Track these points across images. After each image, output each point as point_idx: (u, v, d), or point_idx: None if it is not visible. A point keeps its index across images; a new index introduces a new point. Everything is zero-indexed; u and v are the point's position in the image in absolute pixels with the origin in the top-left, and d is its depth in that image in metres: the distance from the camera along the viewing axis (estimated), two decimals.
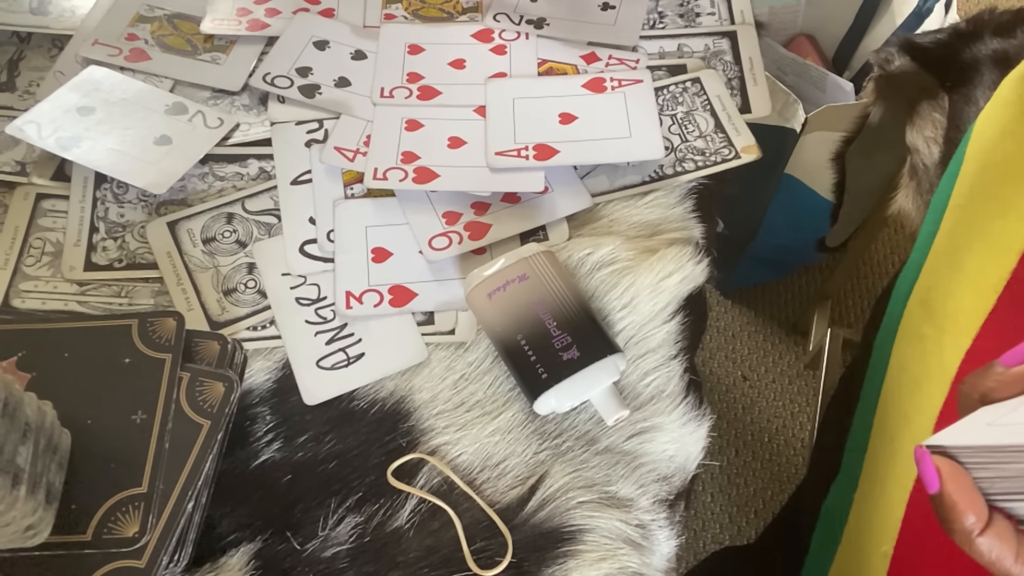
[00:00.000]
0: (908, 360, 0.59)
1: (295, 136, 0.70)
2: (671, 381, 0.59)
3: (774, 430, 1.41)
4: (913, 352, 0.59)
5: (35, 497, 0.48)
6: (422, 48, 0.75)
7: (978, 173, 0.57)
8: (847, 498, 0.62)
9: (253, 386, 0.58)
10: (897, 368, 0.60)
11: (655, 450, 0.57)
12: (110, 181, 0.67)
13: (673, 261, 0.62)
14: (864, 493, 0.60)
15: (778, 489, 1.36)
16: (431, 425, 0.57)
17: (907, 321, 0.61)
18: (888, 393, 0.61)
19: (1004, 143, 0.55)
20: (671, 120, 0.71)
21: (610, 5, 0.78)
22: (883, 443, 0.60)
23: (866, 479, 0.61)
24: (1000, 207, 0.53)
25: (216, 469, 0.54)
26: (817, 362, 1.37)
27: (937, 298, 0.57)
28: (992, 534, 0.32)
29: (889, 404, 0.60)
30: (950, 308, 0.55)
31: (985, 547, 0.32)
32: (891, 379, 0.61)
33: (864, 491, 0.61)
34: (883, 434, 0.60)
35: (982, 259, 0.53)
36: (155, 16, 0.77)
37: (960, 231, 0.57)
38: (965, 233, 0.57)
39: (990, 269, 0.53)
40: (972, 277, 0.54)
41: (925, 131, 1.12)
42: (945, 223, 0.59)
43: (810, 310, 1.45)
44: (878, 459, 0.60)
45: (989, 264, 0.53)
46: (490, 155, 0.67)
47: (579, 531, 0.53)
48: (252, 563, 0.52)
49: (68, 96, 0.69)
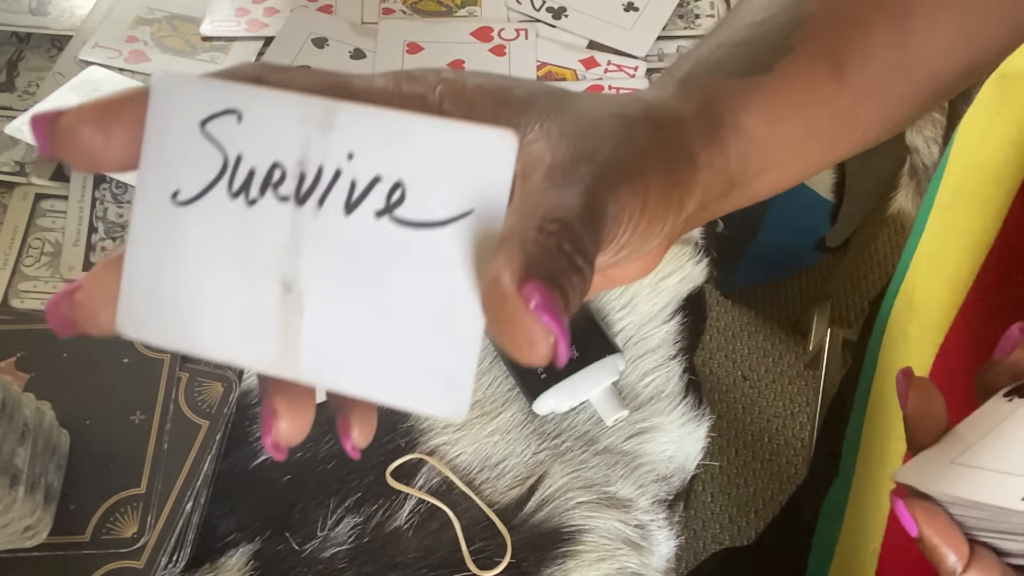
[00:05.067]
0: (894, 360, 0.60)
1: None
2: (670, 381, 0.59)
3: (774, 430, 1.41)
4: (899, 351, 0.59)
5: (34, 498, 0.48)
6: (421, 47, 0.75)
7: (961, 175, 0.58)
8: (843, 498, 0.62)
9: (252, 386, 0.58)
10: (884, 368, 0.61)
11: (654, 450, 0.57)
12: (109, 181, 0.67)
13: (672, 261, 0.62)
14: (857, 492, 0.61)
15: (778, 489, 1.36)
16: (430, 425, 0.57)
17: (894, 321, 0.61)
18: (877, 393, 0.61)
19: (984, 144, 0.56)
20: None
21: (634, 7, 0.78)
22: (873, 443, 0.60)
23: (858, 479, 0.61)
24: (979, 206, 0.54)
25: (215, 469, 0.54)
26: (817, 362, 1.37)
27: (920, 297, 0.58)
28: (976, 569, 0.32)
29: (878, 404, 0.60)
30: (930, 306, 0.56)
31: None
32: (879, 379, 0.61)
33: (857, 491, 0.61)
34: (873, 434, 0.60)
35: (960, 256, 0.54)
36: (154, 18, 0.77)
37: (944, 232, 0.58)
38: (948, 233, 0.57)
39: (965, 266, 0.54)
40: (949, 274, 0.55)
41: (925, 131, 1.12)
42: (930, 224, 0.60)
43: (810, 310, 1.45)
44: (868, 459, 0.60)
45: (965, 261, 0.54)
46: None
47: (578, 531, 0.53)
48: (251, 563, 0.52)
49: (67, 96, 0.69)
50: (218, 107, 0.23)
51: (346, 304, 0.22)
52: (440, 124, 0.22)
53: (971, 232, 0.54)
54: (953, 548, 0.32)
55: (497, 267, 0.21)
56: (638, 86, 0.72)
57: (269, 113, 0.23)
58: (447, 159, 0.22)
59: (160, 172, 0.23)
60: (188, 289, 0.23)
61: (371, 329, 0.22)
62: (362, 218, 0.22)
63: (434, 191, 0.22)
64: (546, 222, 0.22)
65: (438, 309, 0.22)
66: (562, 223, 0.22)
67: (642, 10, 0.78)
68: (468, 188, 0.22)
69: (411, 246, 0.22)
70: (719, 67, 0.32)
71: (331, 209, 0.22)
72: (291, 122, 0.22)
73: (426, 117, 0.22)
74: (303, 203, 0.22)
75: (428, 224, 0.22)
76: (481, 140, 0.22)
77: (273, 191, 0.22)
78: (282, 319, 0.23)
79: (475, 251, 0.22)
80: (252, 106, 0.23)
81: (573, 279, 0.21)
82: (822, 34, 0.33)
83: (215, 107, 0.23)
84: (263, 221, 0.23)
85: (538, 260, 0.21)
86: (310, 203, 0.22)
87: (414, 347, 0.22)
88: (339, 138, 0.22)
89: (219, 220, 0.23)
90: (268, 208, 0.22)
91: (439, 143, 0.22)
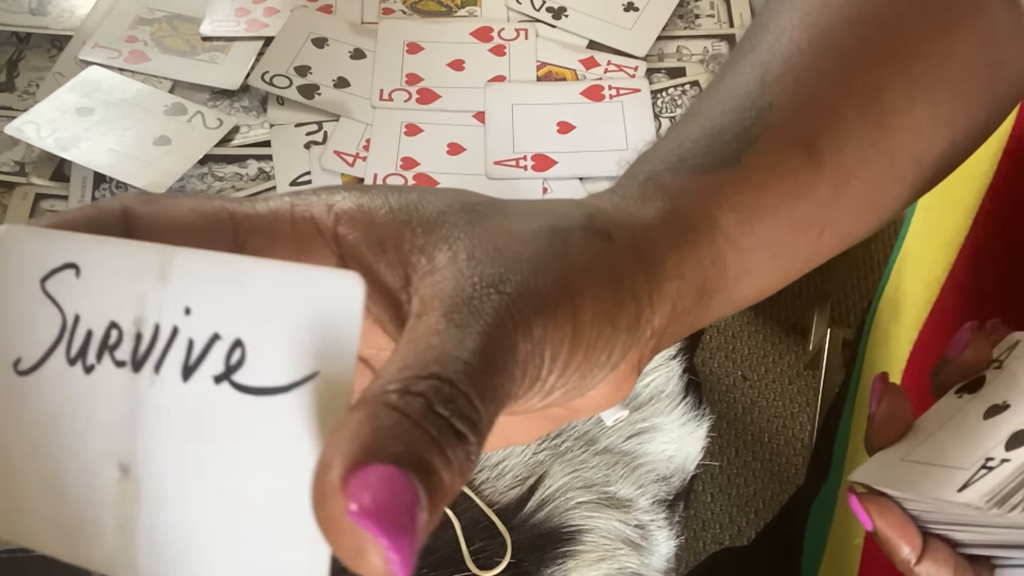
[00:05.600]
0: (878, 360, 0.60)
1: (294, 138, 0.70)
2: (670, 381, 0.59)
3: (774, 430, 1.41)
4: (881, 352, 0.60)
5: None
6: (421, 47, 0.75)
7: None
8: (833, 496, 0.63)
9: None
10: (869, 368, 0.62)
11: (654, 450, 0.57)
12: (109, 181, 0.67)
13: None
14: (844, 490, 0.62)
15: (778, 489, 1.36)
16: None
17: (878, 321, 0.62)
18: (863, 393, 0.62)
19: None
20: (670, 123, 0.71)
21: (634, 7, 0.78)
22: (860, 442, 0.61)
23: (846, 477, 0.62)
24: (952, 206, 0.54)
25: None
26: (817, 362, 1.37)
27: (900, 297, 0.59)
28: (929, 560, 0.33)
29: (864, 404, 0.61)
30: (907, 304, 0.57)
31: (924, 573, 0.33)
32: (864, 379, 0.62)
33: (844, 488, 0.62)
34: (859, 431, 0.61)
35: (934, 256, 0.55)
36: (154, 18, 0.77)
37: (924, 232, 0.59)
38: (927, 234, 0.58)
39: (939, 264, 0.54)
40: (925, 273, 0.56)
41: None
42: (912, 225, 0.61)
43: (810, 310, 1.45)
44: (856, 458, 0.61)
45: (938, 260, 0.54)
46: (489, 164, 0.67)
47: (578, 531, 0.53)
48: None
49: (67, 96, 0.69)
50: (57, 261, 0.20)
51: (185, 492, 0.19)
52: (277, 268, 0.19)
53: (945, 231, 0.55)
54: (907, 541, 0.33)
55: (328, 452, 0.17)
56: (638, 86, 0.72)
57: (106, 266, 0.20)
58: (287, 310, 0.19)
59: (2, 338, 0.21)
60: (26, 474, 0.20)
61: (212, 524, 0.19)
62: (200, 385, 0.19)
63: (275, 349, 0.18)
64: (415, 380, 0.18)
65: (284, 498, 0.18)
66: (438, 378, 0.18)
67: (642, 10, 0.78)
68: (312, 344, 0.18)
69: (254, 418, 0.18)
70: (682, 163, 0.29)
71: (168, 375, 0.19)
72: (128, 275, 0.20)
73: (263, 261, 0.19)
74: (139, 368, 0.19)
75: (269, 390, 0.18)
76: (322, 285, 0.18)
77: (110, 355, 0.20)
78: (119, 510, 0.20)
79: (320, 424, 0.18)
80: (89, 258, 0.20)
81: (447, 452, 0.17)
82: (790, 119, 0.30)
83: (54, 261, 0.20)
84: (100, 391, 0.20)
85: (391, 433, 0.17)
86: (147, 368, 0.19)
87: (258, 549, 0.19)
88: (176, 290, 0.19)
89: (58, 391, 0.20)
90: (105, 375, 0.20)
91: (278, 291, 0.19)
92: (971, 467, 0.32)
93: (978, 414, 0.34)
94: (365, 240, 0.22)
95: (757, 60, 0.33)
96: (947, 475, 0.32)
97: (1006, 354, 0.36)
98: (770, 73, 0.32)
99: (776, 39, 0.33)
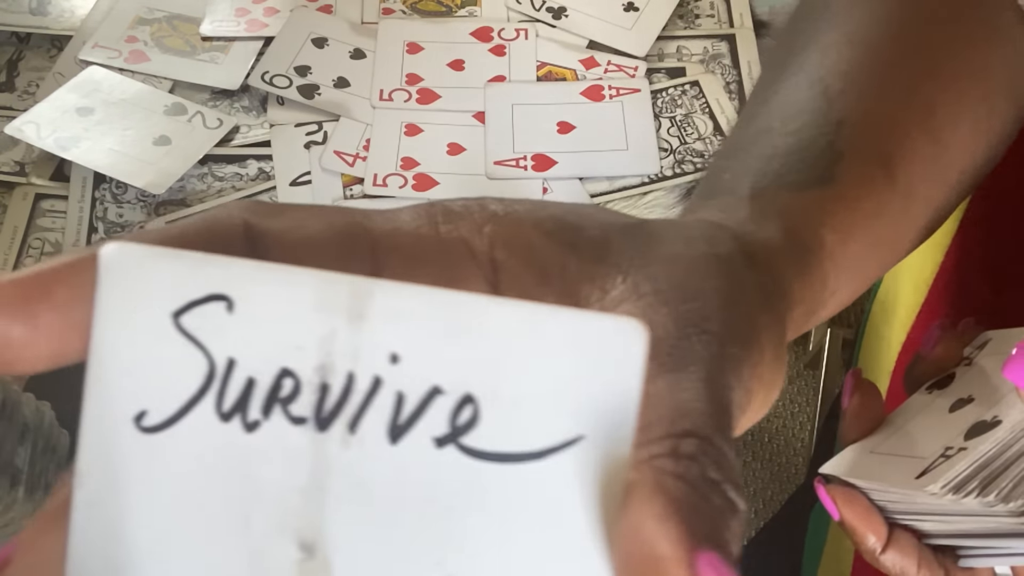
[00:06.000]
0: (869, 360, 0.61)
1: (294, 138, 0.70)
2: None
3: (774, 430, 1.41)
4: (873, 352, 0.60)
5: (33, 498, 0.48)
6: (421, 47, 0.75)
7: None
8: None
9: None
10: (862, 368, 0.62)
11: None
12: (109, 181, 0.67)
13: None
14: None
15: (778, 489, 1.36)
16: None
17: (871, 323, 0.62)
18: None
19: None
20: (670, 122, 0.71)
21: (634, 7, 0.78)
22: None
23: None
24: None
25: None
26: (817, 362, 1.37)
27: (891, 299, 0.59)
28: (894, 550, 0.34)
29: None
30: (897, 306, 0.58)
31: (889, 562, 0.34)
32: None
33: None
34: None
35: (923, 257, 0.55)
36: (154, 18, 0.77)
37: None
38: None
39: (927, 265, 0.54)
40: (914, 274, 0.56)
41: None
42: None
43: None
44: None
45: (927, 261, 0.55)
46: (489, 164, 0.67)
47: None
48: None
49: (67, 96, 0.69)
50: (198, 291, 0.16)
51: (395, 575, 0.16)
52: (526, 311, 0.16)
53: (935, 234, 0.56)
54: (872, 530, 0.34)
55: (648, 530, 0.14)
56: (638, 86, 0.72)
57: (271, 298, 0.16)
58: (539, 361, 0.16)
59: (117, 386, 0.17)
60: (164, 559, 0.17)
61: None
62: (415, 448, 0.16)
63: (522, 408, 0.16)
64: (678, 439, 0.16)
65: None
66: (698, 437, 0.16)
67: (642, 10, 0.78)
68: (574, 403, 0.16)
69: (490, 489, 0.16)
70: (781, 180, 0.28)
71: (368, 435, 0.16)
72: (305, 311, 0.16)
73: (503, 301, 0.16)
74: (327, 427, 0.16)
75: (515, 457, 0.16)
76: (591, 334, 0.16)
77: (283, 410, 0.16)
78: None
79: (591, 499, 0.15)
80: (245, 288, 0.16)
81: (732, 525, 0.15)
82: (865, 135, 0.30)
83: (194, 291, 0.16)
84: (269, 454, 0.16)
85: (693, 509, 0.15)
86: (337, 427, 0.16)
87: None
88: (377, 332, 0.16)
89: (205, 454, 0.16)
90: (277, 434, 0.16)
91: (526, 338, 0.16)
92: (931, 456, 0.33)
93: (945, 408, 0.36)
94: (527, 268, 0.20)
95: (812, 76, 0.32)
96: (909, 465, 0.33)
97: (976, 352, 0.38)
98: (831, 89, 0.31)
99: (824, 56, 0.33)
